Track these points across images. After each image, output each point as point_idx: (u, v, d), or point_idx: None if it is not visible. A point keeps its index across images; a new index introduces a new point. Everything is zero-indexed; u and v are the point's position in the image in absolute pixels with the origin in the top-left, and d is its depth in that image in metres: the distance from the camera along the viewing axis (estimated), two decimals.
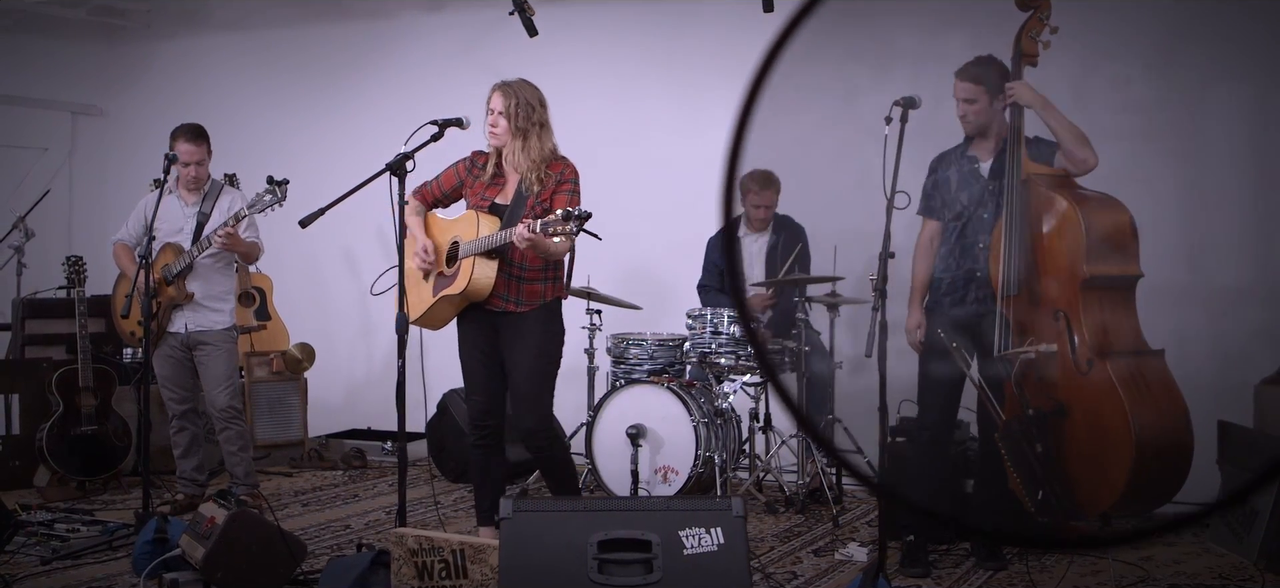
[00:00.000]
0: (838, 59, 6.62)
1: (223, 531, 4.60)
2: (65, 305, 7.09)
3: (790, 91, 3.54)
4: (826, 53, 6.99)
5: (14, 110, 9.29)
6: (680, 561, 3.61)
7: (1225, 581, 5.02)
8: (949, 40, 6.55)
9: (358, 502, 6.74)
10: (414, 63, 8.54)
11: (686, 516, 3.66)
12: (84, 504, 6.40)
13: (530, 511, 3.78)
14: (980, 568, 5.18)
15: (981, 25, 5.68)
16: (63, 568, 5.17)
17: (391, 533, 4.42)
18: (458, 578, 4.22)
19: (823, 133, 6.90)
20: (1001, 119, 5.03)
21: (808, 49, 0.93)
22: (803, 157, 6.83)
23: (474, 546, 4.18)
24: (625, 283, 7.07)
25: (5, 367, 7.25)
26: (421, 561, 4.27)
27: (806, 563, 5.35)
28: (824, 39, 2.08)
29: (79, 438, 6.75)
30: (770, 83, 0.85)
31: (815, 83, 7.14)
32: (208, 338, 6.18)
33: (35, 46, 9.36)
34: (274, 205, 5.90)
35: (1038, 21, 4.93)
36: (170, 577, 4.70)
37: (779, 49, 0.79)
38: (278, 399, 7.75)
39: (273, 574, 4.70)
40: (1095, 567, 5.10)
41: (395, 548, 4.34)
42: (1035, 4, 4.89)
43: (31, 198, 8.24)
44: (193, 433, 6.31)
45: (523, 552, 3.68)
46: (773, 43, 0.79)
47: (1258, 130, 6.39)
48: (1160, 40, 6.57)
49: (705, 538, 3.63)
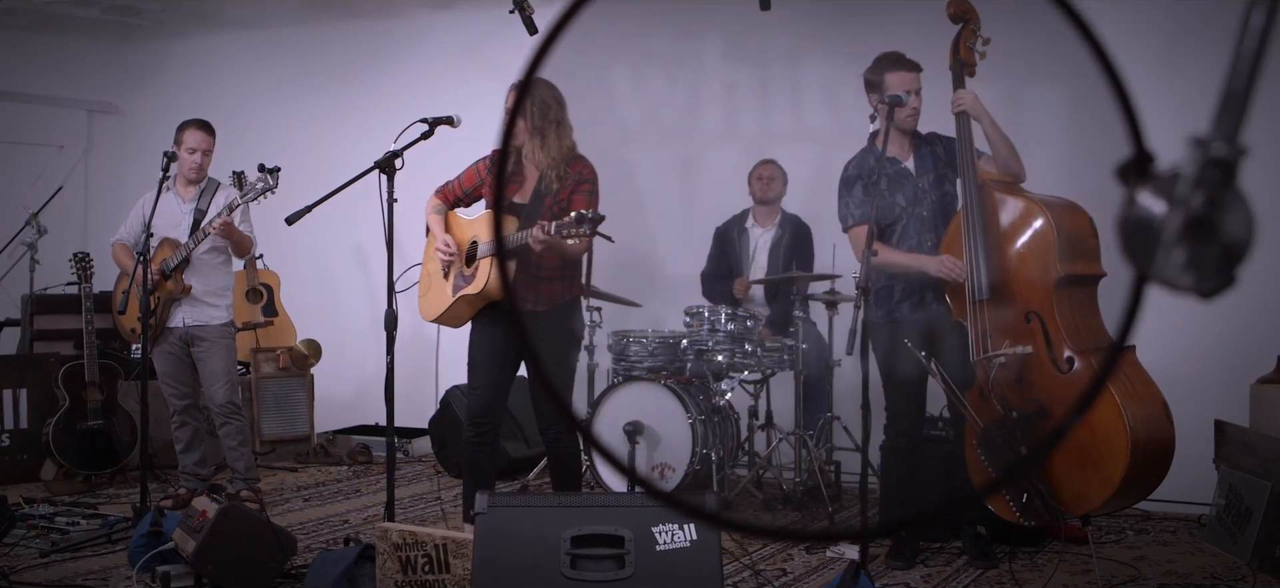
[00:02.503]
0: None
1: (213, 524, 4.65)
2: (73, 301, 7.18)
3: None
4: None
5: (30, 108, 9.42)
6: (652, 557, 3.63)
7: (1217, 581, 5.00)
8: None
9: (359, 497, 6.79)
10: (422, 61, 8.60)
11: (660, 512, 3.68)
12: (88, 498, 6.49)
13: (505, 506, 3.81)
14: (972, 565, 5.19)
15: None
16: (61, 560, 5.24)
17: (377, 528, 4.47)
18: (440, 572, 4.26)
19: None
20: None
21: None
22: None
23: (456, 540, 4.22)
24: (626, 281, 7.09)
25: (13, 362, 7.35)
26: (405, 555, 4.31)
27: (797, 560, 5.36)
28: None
29: (85, 432, 6.83)
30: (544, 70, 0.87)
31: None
32: (205, 333, 6.23)
33: (51, 45, 9.47)
34: (267, 192, 5.95)
35: (970, 31, 4.95)
36: (163, 570, 4.75)
37: (545, 50, 0.81)
38: (284, 395, 7.82)
39: (262, 568, 4.75)
40: (1085, 566, 5.09)
41: (380, 543, 4.39)
42: (965, 17, 4.92)
43: (48, 194, 8.35)
44: (194, 428, 6.37)
45: (497, 547, 3.70)
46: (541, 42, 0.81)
47: (1071, 132, 6.66)
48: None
49: (678, 535, 3.65)
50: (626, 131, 7.85)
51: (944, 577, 5.07)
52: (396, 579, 4.32)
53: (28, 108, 9.38)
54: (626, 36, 7.55)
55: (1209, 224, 0.68)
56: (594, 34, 4.42)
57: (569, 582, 3.60)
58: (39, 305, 7.66)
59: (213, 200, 6.26)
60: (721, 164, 7.45)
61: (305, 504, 6.58)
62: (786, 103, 7.56)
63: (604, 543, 3.65)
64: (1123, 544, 5.60)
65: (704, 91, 7.78)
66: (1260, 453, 5.33)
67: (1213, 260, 0.69)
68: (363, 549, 4.54)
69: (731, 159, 7.36)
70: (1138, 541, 5.68)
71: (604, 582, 3.59)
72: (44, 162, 9.50)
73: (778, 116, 7.57)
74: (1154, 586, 4.94)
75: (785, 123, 7.54)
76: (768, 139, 7.44)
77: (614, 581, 3.59)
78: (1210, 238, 0.68)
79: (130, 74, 9.78)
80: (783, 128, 7.53)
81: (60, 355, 7.12)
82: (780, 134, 7.49)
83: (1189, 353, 6.10)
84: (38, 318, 7.62)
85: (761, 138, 7.46)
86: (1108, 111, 0.77)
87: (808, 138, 7.32)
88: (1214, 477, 5.63)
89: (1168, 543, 5.62)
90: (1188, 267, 0.69)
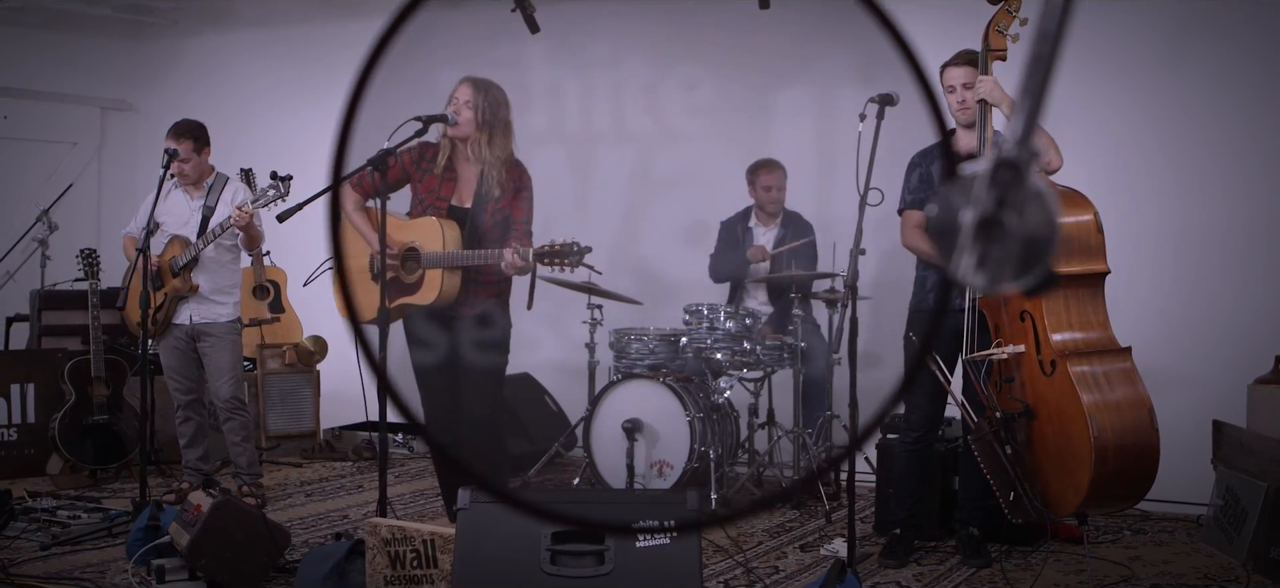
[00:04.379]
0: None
1: (207, 518, 4.69)
2: (81, 297, 7.24)
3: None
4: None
5: (44, 105, 9.50)
6: (632, 554, 3.64)
7: (1210, 581, 4.98)
8: None
9: (361, 492, 6.83)
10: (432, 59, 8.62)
11: (640, 509, 3.69)
12: (93, 492, 6.55)
13: (487, 502, 3.84)
14: (965, 565, 5.18)
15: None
16: (61, 554, 5.29)
17: (367, 523, 4.50)
18: (428, 567, 4.29)
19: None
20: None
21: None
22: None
23: (443, 536, 4.24)
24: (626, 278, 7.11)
25: (21, 357, 7.42)
26: (394, 550, 4.34)
27: (791, 558, 5.37)
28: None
29: (91, 427, 6.90)
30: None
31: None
32: (212, 330, 6.27)
33: (65, 43, 9.55)
34: (277, 200, 5.99)
35: (1006, 14, 4.88)
36: (158, 563, 4.80)
37: (380, 51, 0.83)
38: (290, 391, 7.87)
39: (256, 561, 4.79)
40: (1078, 566, 5.08)
41: (370, 537, 4.41)
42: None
43: (61, 191, 8.43)
44: (198, 423, 6.41)
45: (478, 544, 3.73)
46: (375, 42, 0.83)
47: (822, 130, 7.03)
48: (729, 48, 7.40)
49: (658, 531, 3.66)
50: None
51: (936, 576, 5.07)
52: (386, 574, 4.35)
53: (41, 105, 9.47)
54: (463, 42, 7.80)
55: (998, 224, 0.69)
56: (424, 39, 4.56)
57: (549, 578, 3.62)
58: (47, 301, 7.73)
59: (221, 198, 6.30)
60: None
61: (308, 499, 6.62)
62: (608, 105, 7.83)
63: (584, 540, 3.66)
64: (1119, 544, 5.58)
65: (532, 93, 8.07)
66: (1257, 454, 5.30)
67: (1011, 258, 0.70)
68: (354, 544, 4.57)
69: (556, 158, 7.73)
70: (1135, 541, 5.66)
71: (584, 578, 3.61)
72: (57, 158, 9.58)
73: (600, 118, 7.91)
74: (1147, 586, 4.92)
75: (606, 123, 7.88)
76: (589, 141, 7.85)
77: (594, 577, 3.61)
78: (1000, 237, 0.69)
79: (143, 71, 9.86)
80: (603, 128, 7.88)
81: (67, 350, 7.19)
82: (601, 135, 7.85)
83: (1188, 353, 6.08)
84: (46, 314, 7.69)
85: (582, 139, 7.87)
86: (920, 114, 0.78)
87: (626, 140, 7.64)
88: (1212, 477, 5.60)
89: (1164, 543, 5.61)
90: (980, 265, 0.70)
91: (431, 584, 4.32)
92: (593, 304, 6.89)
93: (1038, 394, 4.46)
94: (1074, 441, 4.27)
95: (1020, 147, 0.71)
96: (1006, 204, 0.69)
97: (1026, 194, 0.68)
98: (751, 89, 7.57)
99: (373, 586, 4.36)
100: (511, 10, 6.63)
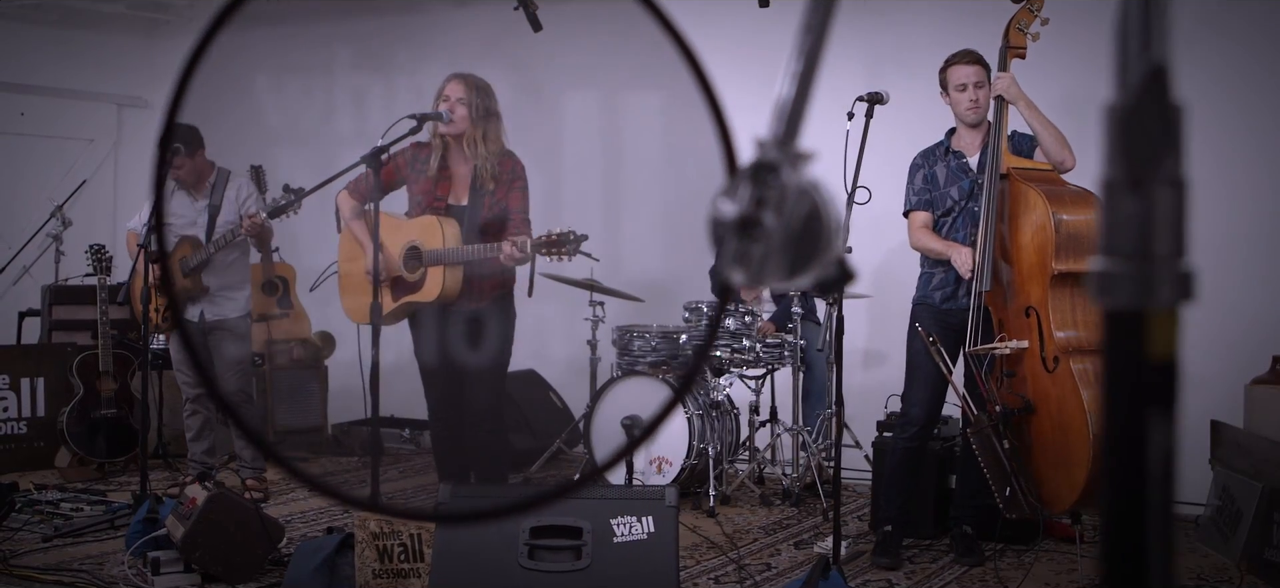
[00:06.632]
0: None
1: (202, 511, 4.74)
2: (90, 292, 7.31)
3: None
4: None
5: (61, 102, 9.59)
6: (609, 548, 3.67)
7: (1202, 581, 4.97)
8: None
9: (365, 488, 6.87)
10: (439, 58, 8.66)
11: (619, 504, 3.72)
12: (100, 485, 6.62)
13: (466, 497, 3.87)
14: (958, 563, 5.18)
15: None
16: (62, 545, 5.36)
17: (356, 517, 4.54)
18: (414, 561, 4.34)
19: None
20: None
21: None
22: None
23: (429, 531, 4.28)
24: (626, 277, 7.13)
25: (31, 351, 7.51)
26: (382, 544, 4.38)
27: (784, 555, 5.39)
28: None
29: (99, 421, 6.98)
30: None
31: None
32: (223, 325, 6.32)
33: (81, 40, 9.65)
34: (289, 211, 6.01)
35: (1028, 13, 4.88)
36: (154, 555, 4.85)
37: (206, 44, 0.85)
38: (298, 386, 7.93)
39: (250, 554, 4.84)
40: (1070, 565, 5.08)
41: (359, 531, 4.46)
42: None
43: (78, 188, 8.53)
44: (205, 417, 6.47)
45: (457, 538, 3.76)
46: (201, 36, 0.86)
47: (668, 132, 7.23)
48: (586, 55, 7.63)
49: (636, 527, 3.69)
50: (268, 134, 8.36)
51: (927, 574, 5.07)
52: (374, 567, 4.39)
53: (58, 102, 9.56)
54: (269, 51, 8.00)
55: (755, 223, 0.71)
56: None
57: (527, 572, 3.65)
58: (57, 296, 7.82)
59: (226, 196, 6.33)
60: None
61: (310, 494, 6.67)
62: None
63: (562, 534, 3.69)
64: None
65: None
66: (1252, 454, 5.29)
67: (774, 256, 0.72)
68: (344, 538, 4.62)
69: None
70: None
71: (561, 572, 3.64)
72: (74, 155, 9.68)
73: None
74: None
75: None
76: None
77: (571, 571, 3.64)
78: (760, 236, 0.71)
79: (159, 69, 9.93)
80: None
81: (76, 345, 7.27)
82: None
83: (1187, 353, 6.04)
84: (56, 308, 7.78)
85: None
86: (700, 115, 0.80)
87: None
88: (1210, 477, 5.59)
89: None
90: (740, 263, 0.72)
91: (418, 578, 4.36)
92: (594, 300, 6.92)
93: (1039, 390, 4.47)
94: (1073, 438, 4.28)
95: (779, 146, 0.73)
96: (764, 203, 0.70)
97: (787, 193, 0.70)
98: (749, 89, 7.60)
99: (362, 579, 4.41)
100: (515, 8, 6.66)
